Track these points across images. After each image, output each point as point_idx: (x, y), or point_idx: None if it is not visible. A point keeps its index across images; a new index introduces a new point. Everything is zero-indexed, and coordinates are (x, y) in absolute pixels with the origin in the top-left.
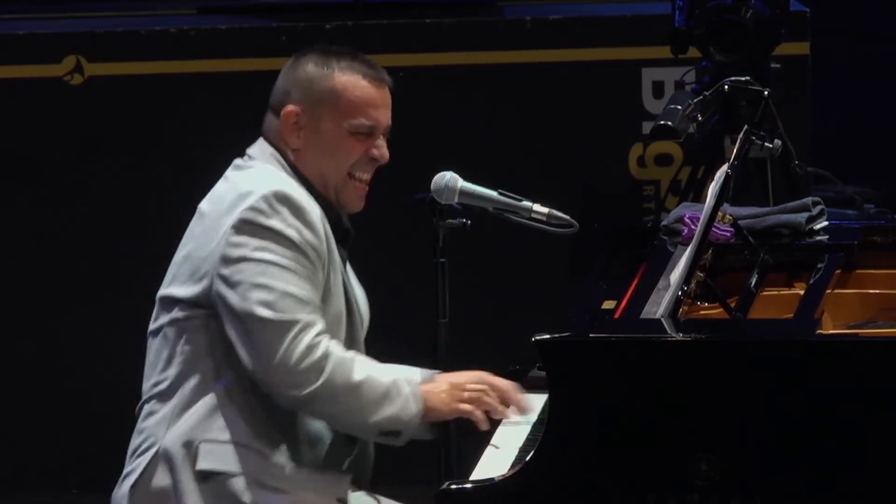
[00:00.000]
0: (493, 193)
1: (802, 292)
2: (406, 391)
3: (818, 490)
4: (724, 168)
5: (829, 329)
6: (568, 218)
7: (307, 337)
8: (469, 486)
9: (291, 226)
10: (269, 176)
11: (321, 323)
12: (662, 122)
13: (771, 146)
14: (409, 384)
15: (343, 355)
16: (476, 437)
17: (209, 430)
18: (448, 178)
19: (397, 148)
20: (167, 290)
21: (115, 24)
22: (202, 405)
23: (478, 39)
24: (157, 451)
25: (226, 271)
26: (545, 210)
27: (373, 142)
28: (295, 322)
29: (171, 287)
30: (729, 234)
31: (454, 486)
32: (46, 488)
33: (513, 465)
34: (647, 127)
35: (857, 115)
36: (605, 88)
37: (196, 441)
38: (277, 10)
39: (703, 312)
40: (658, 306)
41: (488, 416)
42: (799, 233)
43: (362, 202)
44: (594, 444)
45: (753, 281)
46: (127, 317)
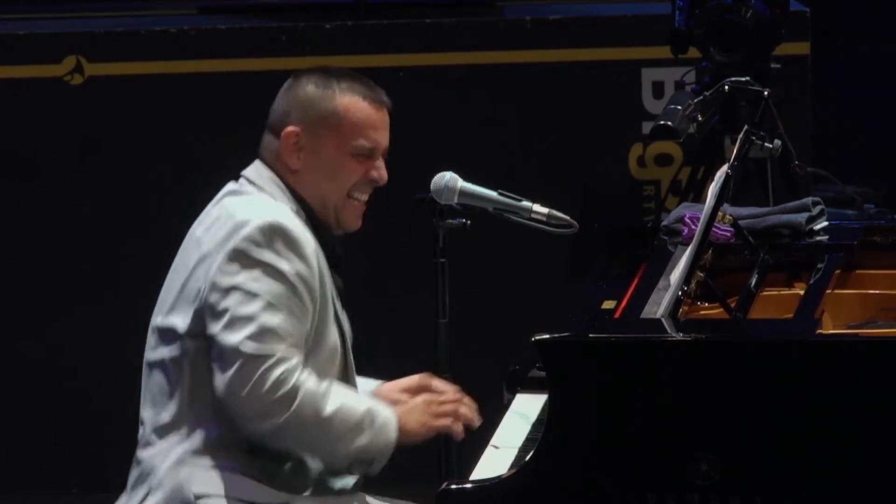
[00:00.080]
0: (492, 193)
1: (802, 292)
2: (380, 421)
3: (818, 490)
4: (724, 168)
5: (829, 329)
6: (568, 218)
7: (278, 370)
8: (469, 486)
9: (284, 258)
10: (266, 205)
11: (297, 357)
12: (662, 122)
13: (771, 146)
14: (383, 414)
15: (314, 389)
16: (476, 437)
17: (210, 467)
18: (448, 179)
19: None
20: (167, 320)
21: (115, 24)
22: (203, 441)
23: (478, 39)
24: (157, 485)
25: (213, 299)
26: (545, 210)
27: (372, 163)
28: (270, 356)
29: (171, 317)
30: (729, 234)
31: (454, 486)
32: (46, 488)
33: (513, 465)
34: (647, 127)
35: (857, 115)
36: (605, 88)
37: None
38: (277, 10)
39: (703, 312)
40: (658, 306)
41: (466, 427)
42: (799, 233)
43: (360, 221)
44: (594, 444)
45: (753, 281)
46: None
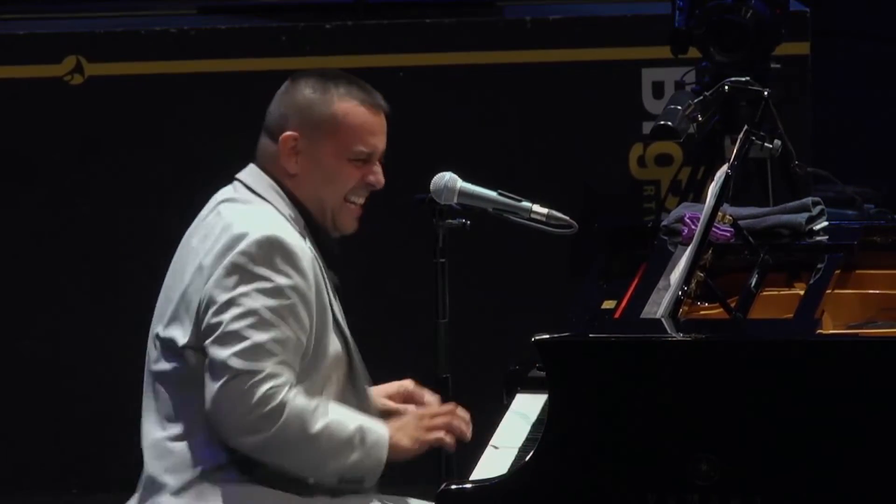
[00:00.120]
0: (492, 194)
1: (802, 292)
2: (371, 439)
3: (818, 490)
4: (724, 168)
5: (829, 329)
6: (567, 218)
7: (265, 386)
8: (469, 486)
9: (281, 272)
10: (264, 217)
11: (287, 374)
12: (662, 122)
13: (771, 146)
14: (375, 432)
15: (302, 406)
16: (476, 437)
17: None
18: (447, 179)
19: (397, 148)
20: (168, 332)
21: (115, 24)
22: (215, 455)
23: (478, 39)
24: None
25: (208, 312)
26: (545, 210)
27: (370, 168)
28: (258, 372)
29: (172, 329)
30: (729, 234)
31: (454, 486)
32: (46, 488)
33: (513, 465)
34: (647, 127)
35: (857, 115)
36: (605, 88)
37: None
38: (277, 10)
39: (703, 312)
40: (658, 306)
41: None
42: (799, 233)
43: (356, 224)
44: (594, 444)
45: (753, 281)
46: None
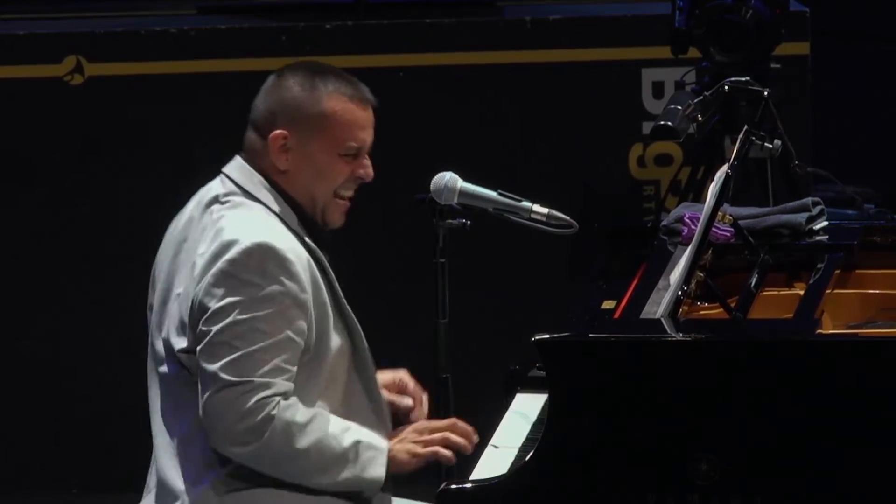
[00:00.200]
0: (492, 194)
1: (802, 292)
2: (367, 456)
3: (818, 490)
4: (724, 168)
5: (829, 329)
6: (567, 218)
7: (252, 399)
8: (469, 486)
9: (273, 279)
10: (255, 222)
11: (278, 384)
12: (662, 122)
13: (771, 146)
14: (372, 448)
15: (290, 420)
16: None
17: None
18: (448, 179)
19: (397, 148)
20: (169, 334)
21: (115, 24)
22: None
23: (478, 39)
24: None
25: (199, 321)
26: (545, 210)
27: (359, 162)
28: (246, 383)
29: (170, 332)
30: (729, 234)
31: (454, 486)
32: (46, 488)
33: (513, 465)
34: (647, 127)
35: (857, 115)
36: (605, 88)
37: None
38: (277, 10)
39: (703, 312)
40: (658, 306)
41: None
42: (799, 233)
43: (344, 218)
44: (594, 444)
45: (753, 281)
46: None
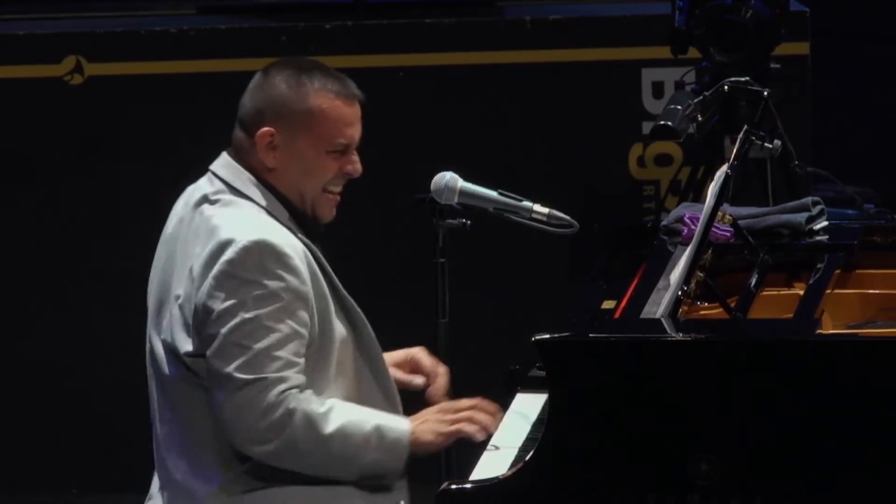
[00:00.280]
0: (493, 193)
1: (802, 292)
2: (391, 437)
3: (818, 490)
4: (724, 168)
5: (829, 329)
6: (568, 218)
7: (271, 394)
8: (469, 486)
9: (273, 276)
10: (249, 220)
11: (292, 378)
12: (662, 122)
13: (771, 146)
14: (395, 430)
15: (310, 410)
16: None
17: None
18: (448, 178)
19: (398, 148)
20: (169, 336)
21: (115, 24)
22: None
23: (478, 39)
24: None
25: (206, 324)
26: (545, 210)
27: (348, 158)
28: (261, 380)
29: (173, 335)
30: (729, 234)
31: (454, 486)
32: (46, 488)
33: (513, 465)
34: (647, 127)
35: (857, 115)
36: (605, 88)
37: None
38: (277, 10)
39: (703, 312)
40: (658, 306)
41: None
42: (799, 233)
43: (334, 213)
44: (594, 444)
45: (753, 281)
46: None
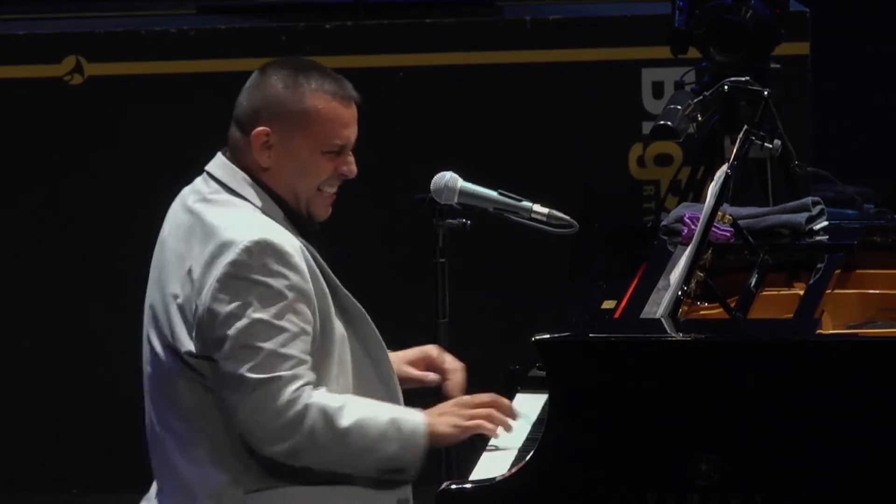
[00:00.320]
0: (492, 193)
1: (802, 292)
2: (408, 428)
3: (818, 490)
4: (724, 168)
5: (829, 329)
6: (568, 218)
7: (286, 392)
8: (469, 486)
9: (276, 274)
10: (247, 220)
11: (305, 375)
12: (662, 122)
13: (771, 146)
14: (411, 422)
15: (325, 405)
16: (476, 437)
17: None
18: (448, 179)
19: (398, 148)
20: (170, 339)
21: (115, 24)
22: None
23: (478, 39)
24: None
25: (212, 327)
26: (545, 210)
27: (343, 159)
28: (275, 379)
29: (177, 338)
30: (729, 234)
31: (454, 486)
32: (46, 488)
33: (513, 465)
34: (647, 127)
35: (857, 115)
36: (605, 88)
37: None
38: (277, 10)
39: (703, 312)
40: (658, 306)
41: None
42: (799, 233)
43: (329, 211)
44: (594, 444)
45: (753, 281)
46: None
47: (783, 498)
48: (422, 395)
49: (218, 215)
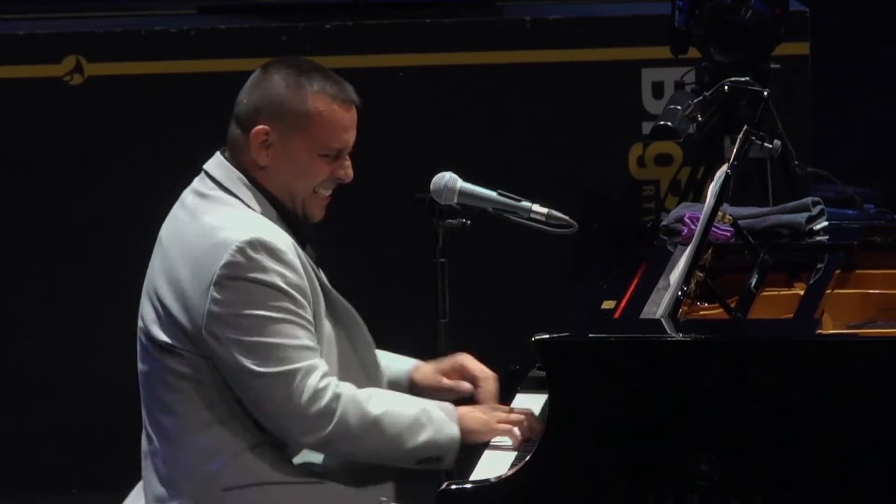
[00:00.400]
0: (492, 194)
1: (802, 292)
2: (439, 416)
3: (818, 490)
4: (724, 168)
5: (829, 329)
6: (567, 218)
7: (312, 381)
8: (469, 486)
9: (272, 272)
10: (239, 219)
11: (322, 365)
12: (662, 123)
13: (771, 146)
14: (443, 409)
15: (356, 393)
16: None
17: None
18: (447, 179)
19: (397, 148)
20: (159, 335)
21: (115, 24)
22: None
23: (478, 39)
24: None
25: (215, 329)
26: (544, 210)
27: (340, 163)
28: (295, 370)
29: (163, 334)
30: (729, 234)
31: (454, 486)
32: (46, 488)
33: (513, 465)
34: (647, 127)
35: (857, 115)
36: (605, 88)
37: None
38: (277, 10)
39: (703, 312)
40: (658, 306)
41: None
42: (799, 233)
43: (323, 212)
44: (594, 444)
45: (753, 281)
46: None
47: (783, 498)
48: (455, 404)
49: (211, 214)
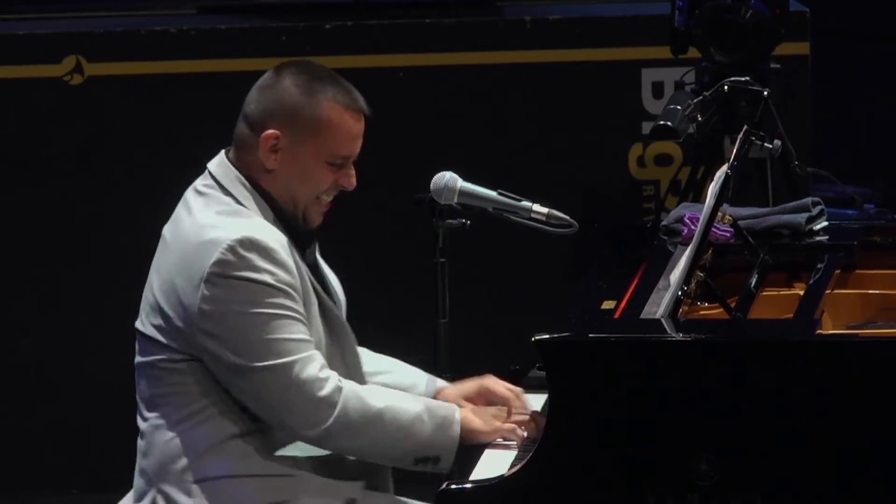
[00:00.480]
0: (492, 193)
1: (802, 292)
2: (441, 414)
3: (818, 490)
4: (724, 168)
5: (829, 329)
6: (567, 218)
7: (311, 371)
8: (469, 486)
9: (263, 271)
10: (233, 217)
11: (320, 357)
12: (662, 122)
13: (771, 146)
14: (443, 409)
15: (358, 388)
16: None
17: (201, 470)
18: (448, 179)
19: (397, 148)
20: (147, 329)
21: (115, 24)
22: (192, 445)
23: (478, 39)
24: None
25: (207, 326)
26: (545, 210)
27: (345, 171)
28: (292, 362)
29: (151, 327)
30: (729, 234)
31: (454, 486)
32: (46, 488)
33: (513, 465)
34: (647, 127)
35: (857, 114)
36: (605, 88)
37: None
38: (277, 10)
39: (703, 312)
40: (658, 306)
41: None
42: (799, 233)
43: (322, 218)
44: (594, 444)
45: (753, 281)
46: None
47: (783, 498)
48: None
49: (205, 211)
